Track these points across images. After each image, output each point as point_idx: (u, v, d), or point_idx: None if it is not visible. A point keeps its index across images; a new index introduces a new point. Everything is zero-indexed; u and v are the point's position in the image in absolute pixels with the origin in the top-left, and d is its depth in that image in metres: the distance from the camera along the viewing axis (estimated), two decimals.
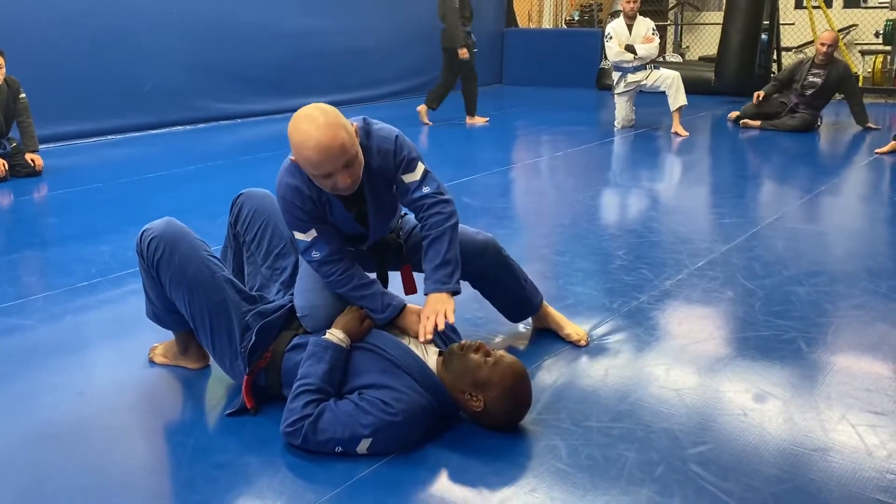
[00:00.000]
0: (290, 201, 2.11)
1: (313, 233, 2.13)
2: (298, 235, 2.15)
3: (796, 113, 7.18)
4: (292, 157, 2.05)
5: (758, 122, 7.32)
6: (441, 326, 2.07)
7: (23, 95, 5.51)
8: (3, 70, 5.32)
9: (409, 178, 2.15)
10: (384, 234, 2.34)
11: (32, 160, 5.49)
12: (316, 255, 2.15)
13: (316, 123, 1.93)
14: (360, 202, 2.18)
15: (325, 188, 2.04)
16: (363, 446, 1.96)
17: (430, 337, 2.07)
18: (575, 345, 2.64)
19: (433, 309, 2.10)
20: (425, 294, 2.16)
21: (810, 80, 7.08)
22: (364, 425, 1.95)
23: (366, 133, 2.13)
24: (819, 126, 7.30)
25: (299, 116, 1.97)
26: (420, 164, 2.18)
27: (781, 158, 6.34)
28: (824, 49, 7.00)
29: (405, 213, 2.49)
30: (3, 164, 5.29)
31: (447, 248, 2.16)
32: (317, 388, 2.02)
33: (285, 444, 2.02)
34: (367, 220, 2.22)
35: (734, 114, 7.69)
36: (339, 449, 1.96)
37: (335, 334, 2.12)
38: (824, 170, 5.76)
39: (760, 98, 7.34)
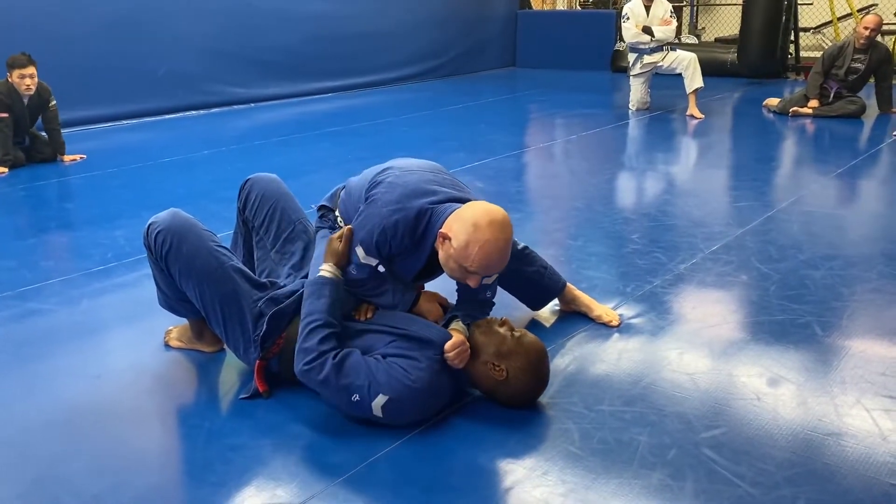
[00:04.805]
0: (386, 234, 2.06)
1: (374, 262, 2.13)
2: (360, 252, 2.12)
3: (853, 98, 6.92)
4: (453, 241, 1.98)
5: (810, 110, 6.99)
6: (462, 365, 2.09)
7: (53, 103, 5.44)
8: (36, 79, 5.25)
9: (486, 280, 2.18)
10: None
11: (62, 158, 5.53)
12: (355, 273, 2.15)
13: (505, 234, 1.99)
14: (435, 269, 2.19)
15: (454, 274, 2.07)
16: (379, 402, 1.96)
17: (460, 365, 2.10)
18: (607, 326, 2.66)
19: (462, 342, 2.10)
20: (457, 311, 2.21)
21: (853, 65, 6.87)
22: (382, 382, 1.97)
23: None
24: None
25: (490, 219, 1.97)
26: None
27: (798, 141, 6.28)
28: (867, 33, 6.76)
29: None
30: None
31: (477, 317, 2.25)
32: (325, 321, 2.04)
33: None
34: (425, 280, 2.28)
35: (772, 101, 7.39)
36: (356, 397, 1.97)
37: (328, 269, 2.13)
38: (841, 153, 5.69)
39: (817, 105, 6.97)
